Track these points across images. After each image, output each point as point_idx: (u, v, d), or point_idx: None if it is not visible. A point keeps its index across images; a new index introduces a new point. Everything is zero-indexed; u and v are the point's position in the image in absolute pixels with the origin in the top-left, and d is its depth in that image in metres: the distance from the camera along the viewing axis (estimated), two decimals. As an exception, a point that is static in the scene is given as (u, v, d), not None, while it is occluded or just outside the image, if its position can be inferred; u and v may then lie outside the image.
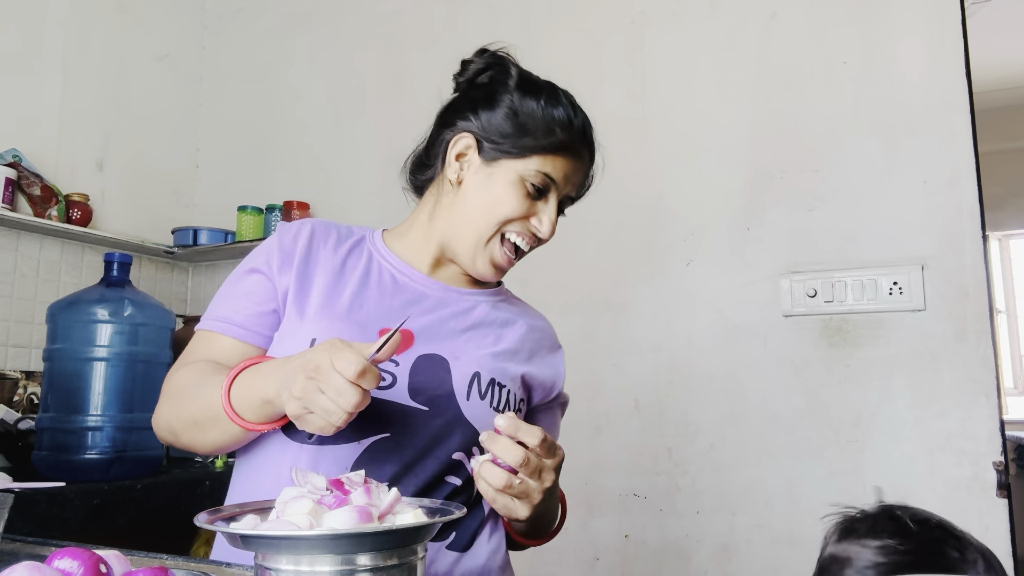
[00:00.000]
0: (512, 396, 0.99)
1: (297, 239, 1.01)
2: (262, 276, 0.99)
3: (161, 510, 1.62)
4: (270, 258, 0.99)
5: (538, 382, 1.06)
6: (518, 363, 1.03)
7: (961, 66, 1.79)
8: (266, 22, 2.75)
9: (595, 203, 2.31)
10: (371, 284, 1.00)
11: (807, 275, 1.88)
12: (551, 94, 1.02)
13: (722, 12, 2.06)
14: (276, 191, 2.53)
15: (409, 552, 0.64)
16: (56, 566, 0.56)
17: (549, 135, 0.98)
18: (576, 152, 1.01)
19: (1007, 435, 1.79)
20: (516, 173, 0.98)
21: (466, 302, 1.04)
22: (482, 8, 2.37)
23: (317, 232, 1.03)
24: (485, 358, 0.99)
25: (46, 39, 2.27)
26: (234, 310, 0.98)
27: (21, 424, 1.80)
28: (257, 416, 0.85)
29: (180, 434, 0.93)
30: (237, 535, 0.61)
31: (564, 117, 0.99)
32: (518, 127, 0.98)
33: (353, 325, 0.94)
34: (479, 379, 0.96)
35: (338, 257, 1.01)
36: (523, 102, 1.00)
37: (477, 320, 1.03)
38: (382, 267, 1.03)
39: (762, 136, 1.97)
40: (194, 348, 1.00)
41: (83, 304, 1.64)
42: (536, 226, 1.00)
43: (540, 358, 1.08)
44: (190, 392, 0.91)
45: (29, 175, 2.12)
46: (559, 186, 1.00)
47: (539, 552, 2.06)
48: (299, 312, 0.96)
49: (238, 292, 1.00)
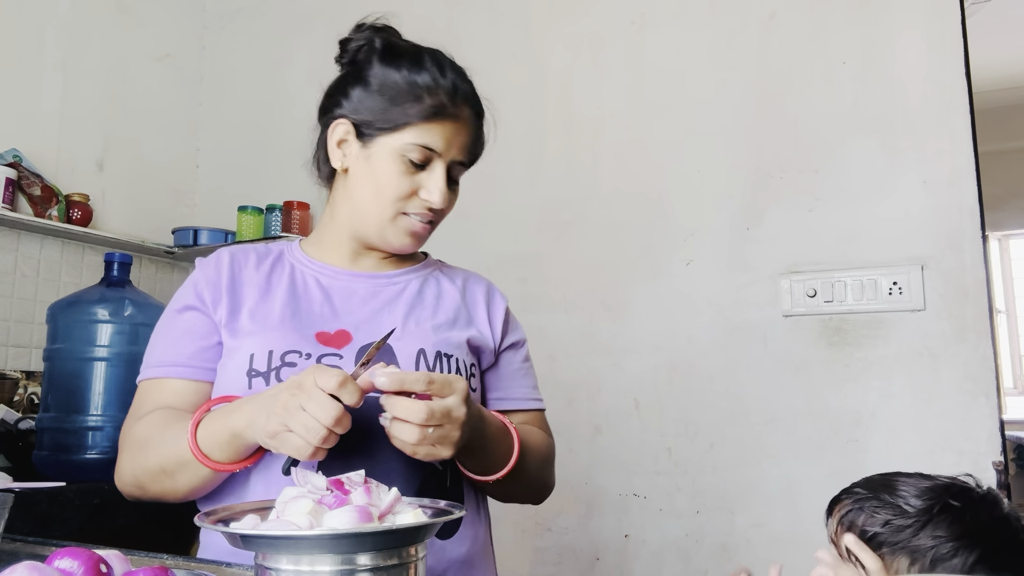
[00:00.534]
0: (462, 364, 1.00)
1: (220, 268, 1.01)
2: (196, 312, 0.99)
3: (161, 510, 1.61)
4: (200, 292, 0.99)
5: (483, 340, 1.06)
6: (460, 329, 1.04)
7: (961, 66, 1.79)
8: (266, 22, 2.75)
9: (595, 203, 2.32)
10: (299, 293, 1.00)
11: (807, 275, 1.88)
12: (414, 59, 0.97)
13: (722, 12, 2.07)
14: (276, 191, 2.52)
15: (409, 552, 0.64)
16: (56, 566, 0.56)
17: (417, 103, 0.94)
18: (451, 114, 0.96)
19: (1007, 435, 1.79)
20: (393, 149, 0.95)
21: (396, 284, 1.05)
22: (482, 8, 2.37)
23: (237, 257, 1.03)
24: (427, 333, 0.99)
25: (46, 39, 2.27)
26: (175, 352, 0.98)
27: (21, 424, 1.80)
28: (225, 454, 0.85)
29: (148, 486, 0.92)
30: (237, 535, 0.61)
31: (430, 81, 0.95)
32: (385, 101, 0.95)
33: (290, 333, 0.94)
34: (424, 354, 0.97)
35: (261, 275, 1.01)
36: (386, 74, 0.96)
37: (411, 298, 1.04)
38: (305, 274, 1.03)
39: (762, 136, 1.97)
40: (142, 400, 0.99)
41: (83, 304, 1.64)
42: (426, 199, 0.97)
43: (479, 317, 1.08)
44: (154, 442, 0.91)
45: (29, 175, 2.12)
46: (441, 153, 0.96)
47: (539, 552, 2.07)
48: (232, 334, 0.96)
49: (174, 334, 0.99)
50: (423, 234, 1.01)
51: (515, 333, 1.13)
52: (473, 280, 1.14)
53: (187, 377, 0.97)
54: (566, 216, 2.17)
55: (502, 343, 1.10)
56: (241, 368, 0.93)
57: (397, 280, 1.06)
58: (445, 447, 0.80)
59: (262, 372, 0.92)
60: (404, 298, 1.04)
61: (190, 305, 0.99)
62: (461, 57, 1.04)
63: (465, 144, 0.99)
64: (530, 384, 1.13)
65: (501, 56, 2.31)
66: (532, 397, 1.13)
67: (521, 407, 1.10)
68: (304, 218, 2.44)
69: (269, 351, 0.93)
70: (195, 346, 0.97)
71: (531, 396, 1.13)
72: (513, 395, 1.10)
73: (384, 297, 1.03)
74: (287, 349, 0.93)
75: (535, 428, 1.09)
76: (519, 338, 1.14)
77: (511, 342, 1.12)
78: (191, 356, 0.97)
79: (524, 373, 1.13)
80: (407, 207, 0.98)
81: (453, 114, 0.96)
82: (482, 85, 1.05)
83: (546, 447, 1.08)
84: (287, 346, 0.93)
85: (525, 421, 1.09)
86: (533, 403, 1.13)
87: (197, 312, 0.99)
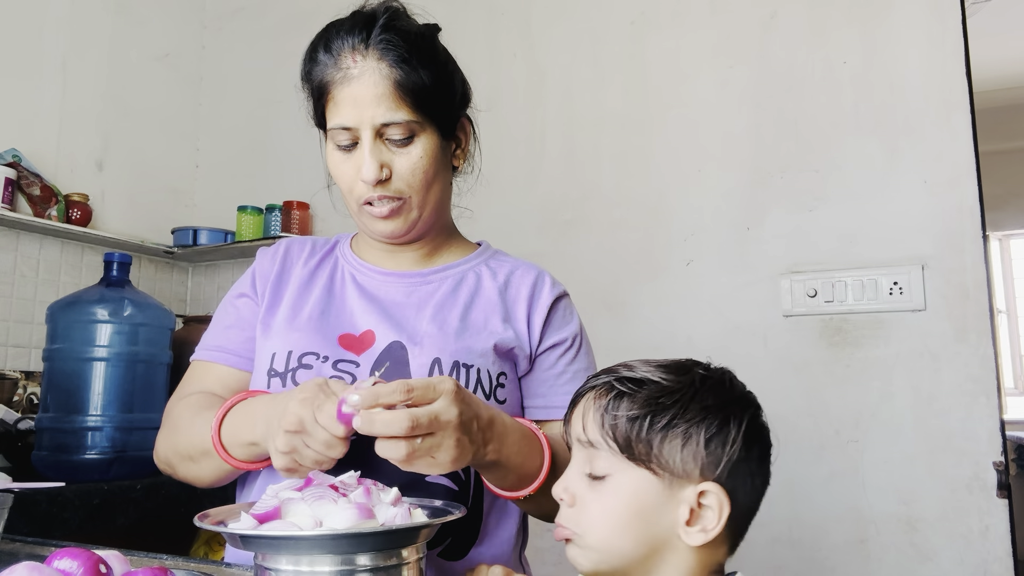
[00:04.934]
0: (484, 374, 0.92)
1: (274, 260, 1.02)
2: (249, 300, 1.01)
3: (161, 510, 1.61)
4: (254, 282, 1.01)
5: (518, 343, 0.96)
6: (489, 333, 0.95)
7: (961, 66, 1.79)
8: (266, 22, 2.74)
9: (595, 203, 2.32)
10: (335, 291, 0.99)
11: (807, 275, 1.88)
12: (311, 44, 0.92)
13: (722, 12, 2.06)
14: (276, 191, 2.52)
15: (409, 552, 0.64)
16: (56, 566, 0.56)
17: (311, 83, 0.91)
18: (344, 79, 0.87)
19: (1007, 435, 1.79)
20: (329, 145, 0.93)
21: (430, 283, 0.99)
22: (482, 8, 2.37)
23: (292, 249, 1.04)
24: (448, 339, 0.92)
25: (46, 39, 2.27)
26: (225, 338, 0.99)
27: (21, 424, 1.80)
28: (245, 455, 0.85)
29: (176, 467, 0.94)
30: (237, 535, 0.61)
31: (314, 55, 0.90)
32: (309, 96, 0.94)
33: (313, 334, 0.93)
34: (439, 365, 0.90)
35: (307, 270, 1.01)
36: (303, 68, 0.93)
37: (442, 299, 0.97)
38: (345, 271, 1.02)
39: (762, 136, 1.97)
40: (190, 378, 1.00)
41: (83, 304, 1.64)
42: (362, 177, 0.89)
43: (518, 315, 0.98)
44: (184, 426, 0.92)
45: (29, 175, 2.12)
46: (356, 126, 0.87)
47: (539, 552, 2.06)
48: (264, 329, 0.97)
49: (228, 320, 1.01)
50: (393, 216, 0.92)
51: (562, 331, 1.00)
52: (521, 272, 1.02)
53: (233, 366, 0.98)
54: (566, 216, 2.17)
55: (540, 343, 0.98)
56: (263, 366, 0.94)
57: (431, 279, 0.99)
58: (444, 457, 0.73)
59: (280, 372, 0.92)
60: (435, 299, 0.97)
61: (244, 293, 1.01)
62: (461, 57, 1.02)
63: (377, 97, 0.86)
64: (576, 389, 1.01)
65: (501, 56, 2.31)
66: None
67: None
68: (304, 218, 2.43)
69: (289, 351, 0.92)
70: (244, 335, 0.99)
71: None
72: (555, 403, 0.98)
73: (415, 298, 0.97)
74: (306, 351, 0.92)
75: None
76: (565, 337, 1.00)
77: (554, 342, 0.99)
78: (239, 345, 0.98)
79: (569, 376, 0.99)
80: (365, 195, 0.91)
81: (345, 78, 0.87)
82: (482, 85, 1.03)
83: None
84: (307, 347, 0.92)
85: None
86: None
87: (250, 300, 1.00)
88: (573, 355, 1.00)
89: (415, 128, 0.89)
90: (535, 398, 0.99)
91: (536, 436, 0.87)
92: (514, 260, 1.05)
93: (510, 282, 1.01)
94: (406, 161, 0.89)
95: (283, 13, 2.71)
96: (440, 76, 0.90)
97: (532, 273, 1.02)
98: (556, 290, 1.02)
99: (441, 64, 0.92)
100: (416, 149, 0.90)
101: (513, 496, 0.86)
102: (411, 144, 0.89)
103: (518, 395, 0.98)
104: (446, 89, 0.92)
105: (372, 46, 0.87)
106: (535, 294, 1.00)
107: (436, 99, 0.90)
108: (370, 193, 0.90)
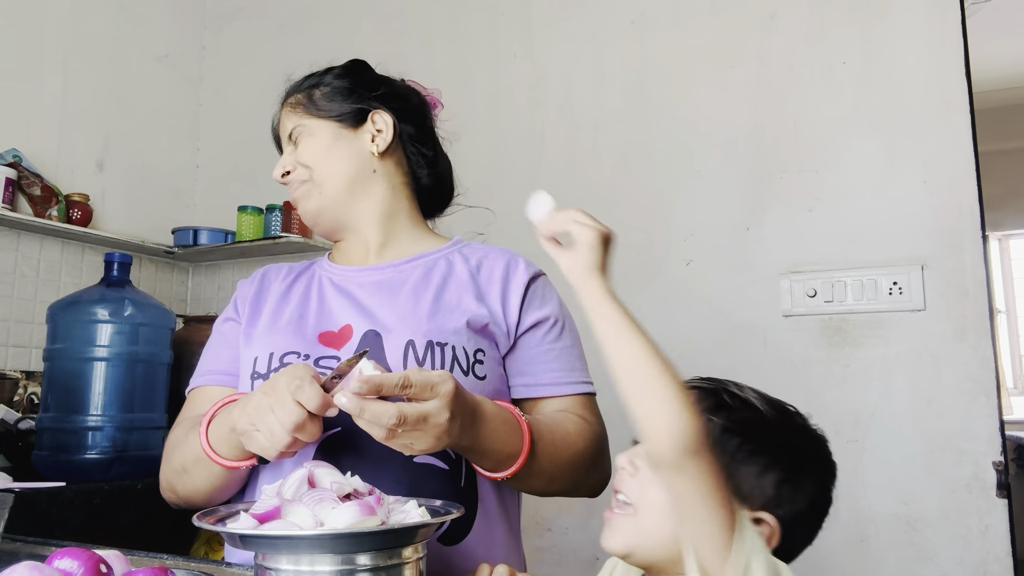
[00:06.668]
0: (461, 351, 0.93)
1: (252, 284, 1.09)
2: (233, 322, 1.06)
3: (161, 510, 1.60)
4: (236, 306, 1.07)
5: (493, 320, 0.98)
6: (461, 312, 0.96)
7: (961, 66, 1.79)
8: (266, 22, 2.74)
9: (595, 203, 2.31)
10: (312, 296, 1.04)
11: (807, 275, 1.88)
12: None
13: (722, 12, 2.06)
14: (276, 191, 2.51)
15: (409, 552, 0.64)
16: (56, 566, 0.56)
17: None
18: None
19: (1007, 435, 1.79)
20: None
21: (402, 272, 1.04)
22: (482, 8, 2.37)
23: (269, 273, 1.11)
24: (420, 321, 0.94)
25: (46, 39, 2.27)
26: (215, 361, 1.04)
27: (21, 424, 1.80)
28: (230, 450, 0.86)
29: (176, 487, 0.96)
30: (237, 535, 0.61)
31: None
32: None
33: (293, 335, 0.97)
34: (414, 346, 0.92)
35: (285, 284, 1.07)
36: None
37: (415, 284, 1.01)
38: (322, 278, 1.06)
39: (762, 136, 1.97)
40: (187, 407, 1.04)
41: (83, 304, 1.64)
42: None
43: (491, 295, 1.00)
44: (178, 445, 0.95)
45: (29, 175, 2.12)
46: (281, 139, 1.15)
47: (539, 552, 2.06)
48: (247, 340, 1.01)
49: (216, 344, 1.06)
50: (299, 196, 1.07)
51: (543, 309, 1.01)
52: (494, 256, 1.05)
53: (226, 384, 1.02)
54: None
55: (520, 322, 0.99)
56: (247, 371, 0.97)
57: (404, 268, 1.04)
58: (420, 446, 0.76)
59: (263, 374, 0.95)
60: (408, 286, 1.00)
61: (229, 317, 1.07)
62: (461, 57, 1.03)
63: (280, 122, 1.17)
64: (564, 366, 1.00)
65: (501, 56, 2.31)
66: (566, 381, 1.00)
67: (553, 393, 0.99)
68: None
69: (270, 353, 0.96)
70: (232, 354, 1.03)
71: (564, 380, 1.00)
72: (541, 380, 0.99)
73: (389, 288, 1.01)
74: (287, 351, 0.95)
75: (570, 416, 0.97)
76: (547, 315, 1.01)
77: (535, 320, 1.00)
78: (228, 363, 1.03)
79: (555, 355, 1.00)
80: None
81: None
82: (482, 85, 1.05)
83: (577, 436, 0.95)
84: (288, 347, 0.96)
85: (563, 408, 0.99)
86: (568, 387, 1.00)
87: (234, 323, 1.06)
88: (557, 333, 1.02)
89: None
90: (520, 376, 1.00)
91: (518, 421, 0.89)
92: (487, 247, 1.09)
93: (483, 265, 1.04)
94: (300, 149, 1.09)
95: (283, 14, 2.71)
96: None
97: (505, 255, 1.05)
98: (532, 269, 1.04)
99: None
100: (306, 138, 1.10)
101: (492, 477, 0.88)
102: (309, 137, 1.10)
103: (499, 372, 0.99)
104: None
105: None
106: (509, 275, 1.02)
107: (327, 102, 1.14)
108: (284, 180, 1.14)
